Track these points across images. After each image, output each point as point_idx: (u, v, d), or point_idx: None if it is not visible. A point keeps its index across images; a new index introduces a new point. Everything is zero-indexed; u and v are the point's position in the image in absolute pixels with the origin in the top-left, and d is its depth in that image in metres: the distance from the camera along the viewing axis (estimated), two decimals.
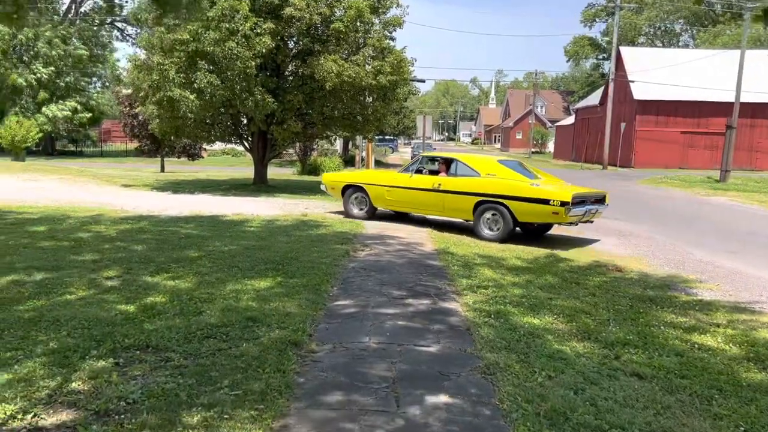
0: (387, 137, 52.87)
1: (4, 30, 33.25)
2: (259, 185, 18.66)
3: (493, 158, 12.29)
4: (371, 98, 17.50)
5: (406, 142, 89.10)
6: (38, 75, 33.68)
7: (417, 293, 6.29)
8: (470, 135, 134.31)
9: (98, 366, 3.81)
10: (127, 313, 4.94)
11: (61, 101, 34.43)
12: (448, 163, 11.33)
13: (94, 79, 43.14)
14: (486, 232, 10.38)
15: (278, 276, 6.58)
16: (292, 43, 17.51)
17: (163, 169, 26.56)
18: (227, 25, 14.79)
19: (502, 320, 5.37)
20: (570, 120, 59.10)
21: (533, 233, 11.16)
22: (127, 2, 41.78)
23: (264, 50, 14.94)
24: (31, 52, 35.25)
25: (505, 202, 10.14)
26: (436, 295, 6.25)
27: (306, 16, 15.44)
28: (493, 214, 10.33)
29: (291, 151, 28.52)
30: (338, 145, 36.67)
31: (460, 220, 11.57)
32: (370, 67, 16.45)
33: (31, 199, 12.86)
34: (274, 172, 21.65)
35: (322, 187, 13.09)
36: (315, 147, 30.74)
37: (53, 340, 4.21)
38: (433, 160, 11.82)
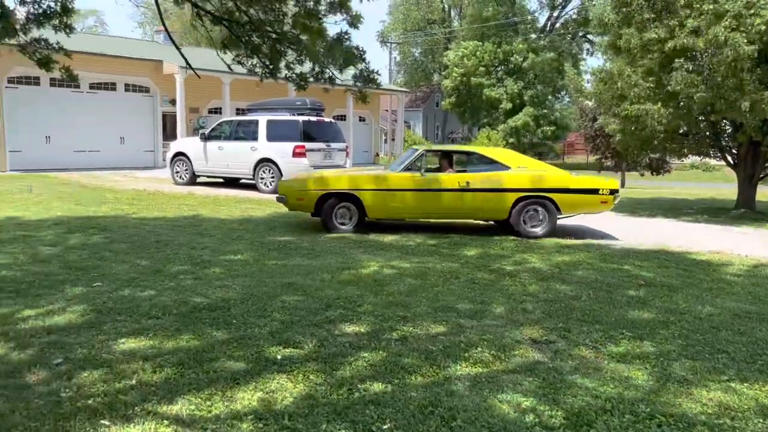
0: None
1: (490, 49, 36.41)
2: (744, 211, 14.65)
3: (507, 149, 12.14)
4: None
5: None
6: (509, 90, 35.84)
7: None
8: None
9: None
10: None
11: (520, 112, 35.87)
12: (453, 158, 10.54)
13: (562, 93, 43.79)
14: (536, 230, 9.64)
15: None
16: None
17: (623, 185, 24.48)
18: (711, 7, 11.75)
19: None
20: None
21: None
22: (594, 4, 40.82)
23: (762, 30, 11.36)
24: (502, 69, 37.81)
25: (551, 195, 9.64)
26: None
27: None
28: (534, 210, 9.64)
29: None
30: None
31: (479, 221, 10.80)
32: None
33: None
34: (762, 192, 17.01)
35: (279, 200, 10.05)
36: None
37: None
38: (441, 154, 10.71)
